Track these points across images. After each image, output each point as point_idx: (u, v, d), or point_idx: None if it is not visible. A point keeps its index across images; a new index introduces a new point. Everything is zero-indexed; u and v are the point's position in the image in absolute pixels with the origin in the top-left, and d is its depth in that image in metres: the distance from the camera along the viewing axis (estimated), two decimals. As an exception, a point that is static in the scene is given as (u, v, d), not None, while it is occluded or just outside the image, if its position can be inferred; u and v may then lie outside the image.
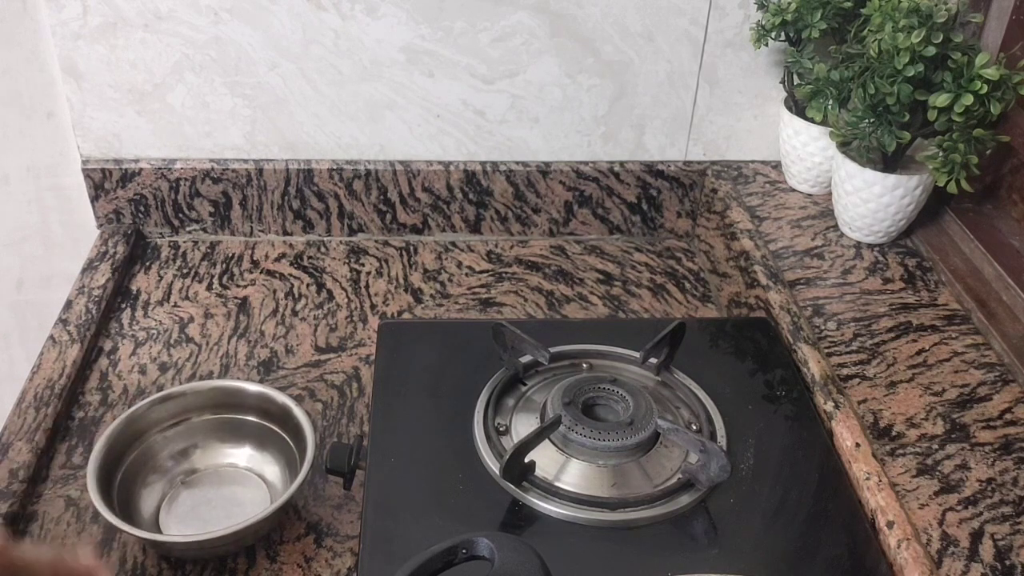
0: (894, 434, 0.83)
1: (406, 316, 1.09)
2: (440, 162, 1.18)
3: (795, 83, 1.12)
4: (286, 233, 1.21)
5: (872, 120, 1.00)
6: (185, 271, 1.15)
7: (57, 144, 1.16)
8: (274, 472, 0.87)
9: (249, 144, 1.16)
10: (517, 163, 1.19)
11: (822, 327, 0.95)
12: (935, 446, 0.82)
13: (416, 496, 0.77)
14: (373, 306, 1.10)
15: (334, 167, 1.17)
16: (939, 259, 1.04)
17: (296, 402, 0.86)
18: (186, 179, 1.16)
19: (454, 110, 1.15)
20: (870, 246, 1.08)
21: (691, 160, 1.22)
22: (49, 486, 0.86)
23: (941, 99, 0.94)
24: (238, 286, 1.13)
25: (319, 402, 0.96)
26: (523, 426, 0.83)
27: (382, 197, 1.19)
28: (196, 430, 0.88)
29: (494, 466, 0.78)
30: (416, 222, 1.21)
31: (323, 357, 1.02)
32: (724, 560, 0.73)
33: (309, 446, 0.81)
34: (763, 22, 1.09)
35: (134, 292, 1.11)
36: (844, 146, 1.05)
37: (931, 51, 0.93)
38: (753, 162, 1.23)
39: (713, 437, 0.82)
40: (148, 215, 1.18)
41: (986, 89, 0.92)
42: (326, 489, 0.86)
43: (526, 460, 0.77)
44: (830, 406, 0.86)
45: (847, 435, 0.83)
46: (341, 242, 1.21)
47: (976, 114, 0.94)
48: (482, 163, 1.19)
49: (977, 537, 0.74)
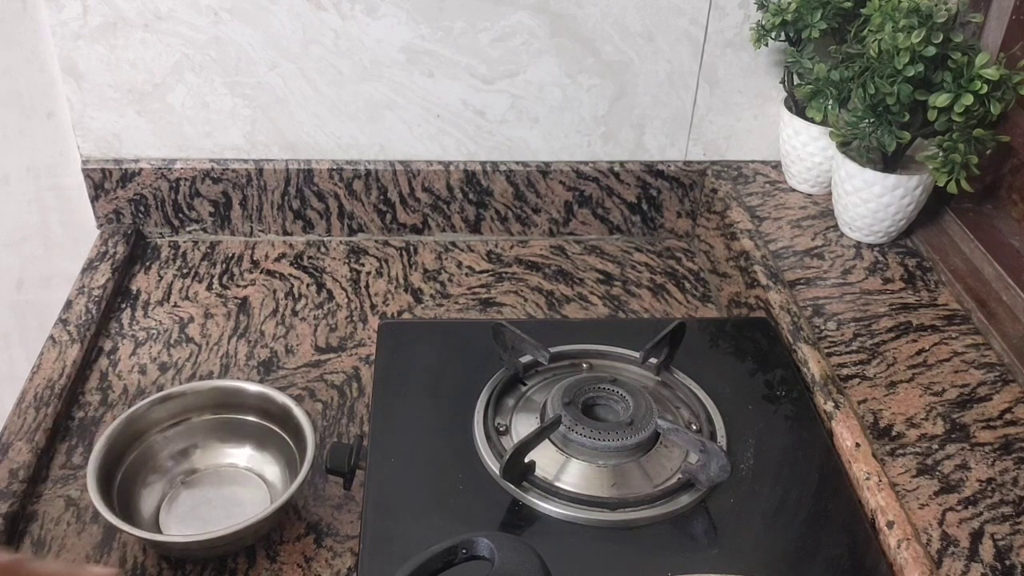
0: (894, 434, 0.83)
1: (406, 316, 1.09)
2: (440, 162, 1.18)
3: (795, 83, 1.12)
4: (286, 233, 1.21)
5: (872, 120, 1.00)
6: (185, 271, 1.15)
7: (57, 144, 1.16)
8: (274, 472, 0.87)
9: (249, 144, 1.16)
10: (517, 163, 1.19)
11: (822, 327, 0.95)
12: (935, 446, 0.82)
13: (416, 496, 0.77)
14: (373, 306, 1.10)
15: (334, 167, 1.17)
16: (939, 259, 1.04)
17: (296, 402, 0.85)
18: (186, 179, 1.16)
19: (454, 110, 1.15)
20: (870, 246, 1.08)
21: (691, 160, 1.22)
22: (49, 486, 0.86)
23: (941, 99, 0.94)
24: (238, 286, 1.13)
25: (319, 402, 0.96)
26: (523, 426, 0.83)
27: (382, 197, 1.19)
28: (196, 430, 0.88)
29: (494, 466, 0.78)
30: (416, 222, 1.21)
31: (323, 357, 1.02)
32: (724, 560, 0.73)
33: (309, 446, 0.81)
34: (763, 22, 1.09)
35: (134, 292, 1.11)
36: (844, 146, 1.05)
37: (931, 51, 0.93)
38: (753, 162, 1.23)
39: (713, 437, 0.82)
40: (148, 215, 1.18)
41: (986, 89, 0.92)
42: (326, 489, 0.86)
43: (526, 460, 0.77)
44: (830, 406, 0.86)
45: (847, 435, 0.83)
46: (341, 242, 1.21)
47: (976, 114, 0.94)
48: (482, 163, 1.19)
49: (977, 537, 0.74)
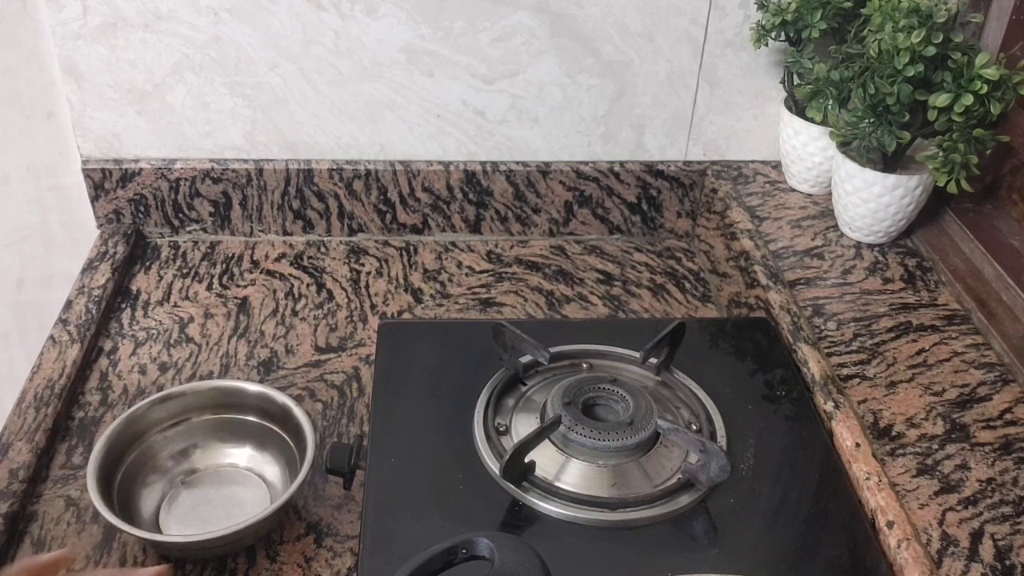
0: (894, 434, 0.83)
1: (406, 316, 1.09)
2: (440, 162, 1.18)
3: (795, 83, 1.12)
4: (286, 233, 1.21)
5: (872, 120, 1.00)
6: (185, 271, 1.15)
7: (57, 144, 1.16)
8: (274, 472, 0.87)
9: (249, 144, 1.16)
10: (517, 163, 1.19)
11: (822, 327, 0.95)
12: (935, 446, 0.82)
13: (416, 496, 0.77)
14: (373, 306, 1.10)
15: (334, 167, 1.17)
16: (939, 259, 1.04)
17: (296, 402, 0.86)
18: (186, 179, 1.16)
19: (454, 110, 1.15)
20: (870, 246, 1.08)
21: (691, 160, 1.22)
22: (49, 486, 0.86)
23: (941, 99, 0.94)
24: (238, 286, 1.13)
25: (319, 402, 0.96)
26: (523, 426, 0.83)
27: (382, 197, 1.19)
28: (196, 430, 0.88)
29: (494, 466, 0.78)
30: (416, 222, 1.21)
31: (323, 357, 1.02)
32: (724, 560, 0.73)
33: (309, 446, 0.81)
34: (763, 22, 1.09)
35: (134, 292, 1.11)
36: (844, 146, 1.05)
37: (931, 51, 0.93)
38: (753, 162, 1.23)
39: (713, 437, 0.82)
40: (148, 215, 1.18)
41: (986, 89, 0.92)
42: (326, 489, 0.85)
43: (526, 460, 0.77)
44: (830, 406, 0.86)
45: (847, 435, 0.83)
46: (341, 242, 1.21)
47: (976, 114, 0.94)
48: (482, 163, 1.19)
49: (977, 537, 0.74)
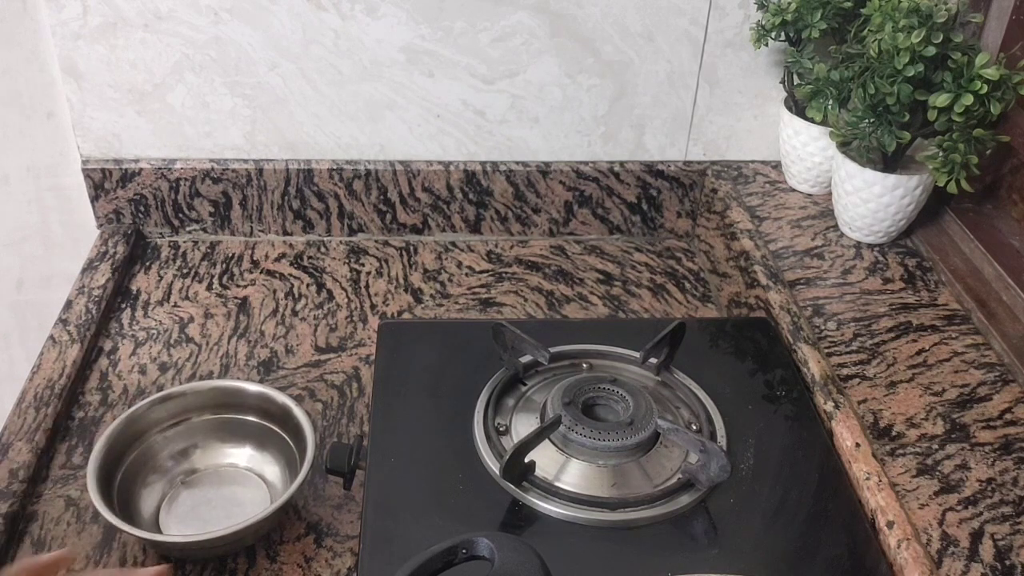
0: (894, 434, 0.83)
1: (406, 316, 1.09)
2: (440, 162, 1.18)
3: (795, 83, 1.12)
4: (286, 233, 1.21)
5: (872, 120, 1.00)
6: (185, 271, 1.15)
7: (57, 144, 1.16)
8: (274, 472, 0.87)
9: (249, 144, 1.16)
10: (517, 163, 1.19)
11: (822, 327, 0.95)
12: (935, 446, 0.82)
13: (416, 496, 0.77)
14: (373, 306, 1.10)
15: (334, 167, 1.17)
16: (939, 259, 1.04)
17: (296, 402, 0.85)
18: (186, 179, 1.16)
19: (454, 110, 1.15)
20: (870, 246, 1.08)
21: (691, 160, 1.22)
22: (49, 486, 0.86)
23: (941, 99, 0.94)
24: (238, 286, 1.13)
25: (319, 402, 0.96)
26: (523, 426, 0.83)
27: (382, 197, 1.19)
28: (196, 430, 0.88)
29: (494, 466, 0.78)
30: (416, 222, 1.21)
31: (323, 357, 1.02)
32: (724, 560, 0.73)
33: (309, 446, 0.81)
34: (763, 22, 1.09)
35: (134, 292, 1.11)
36: (844, 146, 1.05)
37: (931, 51, 0.93)
38: (753, 162, 1.23)
39: (713, 437, 0.82)
40: (148, 215, 1.18)
41: (986, 89, 0.92)
42: (326, 489, 0.85)
43: (526, 460, 0.77)
44: (830, 406, 0.86)
45: (847, 435, 0.83)
46: (341, 242, 1.21)
47: (976, 114, 0.94)
48: (482, 163, 1.19)
49: (977, 537, 0.74)
